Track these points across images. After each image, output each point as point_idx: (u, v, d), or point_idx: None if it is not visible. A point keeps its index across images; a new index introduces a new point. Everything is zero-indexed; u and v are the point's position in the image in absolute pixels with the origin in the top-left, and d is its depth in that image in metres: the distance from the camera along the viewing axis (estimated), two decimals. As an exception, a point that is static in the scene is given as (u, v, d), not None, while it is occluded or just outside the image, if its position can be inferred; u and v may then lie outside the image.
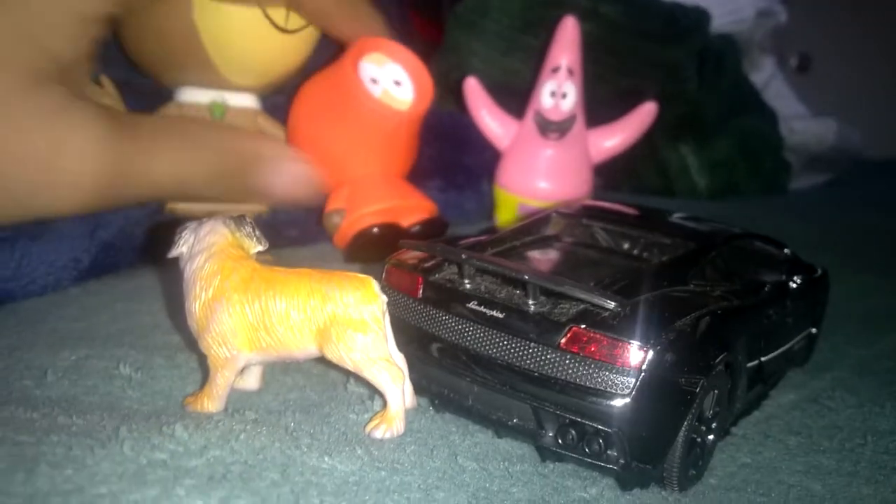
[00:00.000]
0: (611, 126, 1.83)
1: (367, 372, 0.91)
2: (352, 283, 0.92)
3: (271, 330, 0.90)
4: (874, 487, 0.95)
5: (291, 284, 0.91)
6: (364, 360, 0.90)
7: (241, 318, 0.90)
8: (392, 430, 0.90)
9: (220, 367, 0.91)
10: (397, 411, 0.91)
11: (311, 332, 0.90)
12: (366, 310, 0.91)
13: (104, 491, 0.67)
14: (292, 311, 0.90)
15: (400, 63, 1.57)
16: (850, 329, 1.53)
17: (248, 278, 0.91)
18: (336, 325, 0.90)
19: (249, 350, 0.91)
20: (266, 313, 0.90)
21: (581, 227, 1.27)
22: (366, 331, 0.90)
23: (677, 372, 0.89)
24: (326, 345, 0.90)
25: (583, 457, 0.89)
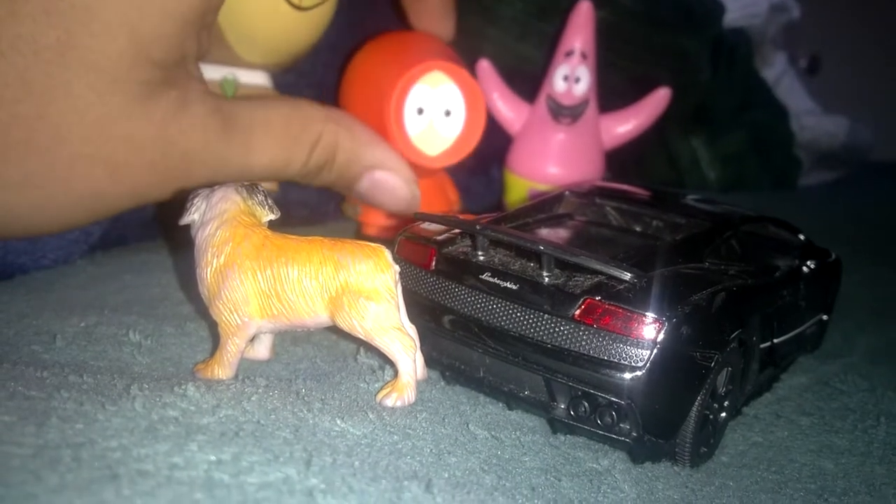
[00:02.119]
0: (624, 111, 1.82)
1: (379, 341, 0.90)
2: (364, 252, 0.91)
3: (283, 297, 0.89)
4: (887, 467, 0.94)
5: (304, 252, 0.90)
6: (376, 329, 0.90)
7: (252, 285, 0.89)
8: (403, 398, 0.90)
9: (230, 334, 0.90)
10: (408, 380, 0.91)
11: (323, 300, 0.90)
12: (378, 279, 0.90)
13: (115, 444, 0.67)
14: (304, 279, 0.89)
15: (459, 88, 1.48)
16: (862, 318, 1.52)
17: (260, 245, 0.90)
18: (348, 293, 0.89)
19: (261, 317, 0.91)
20: (278, 280, 0.89)
21: (593, 207, 1.26)
22: (378, 300, 0.89)
23: (692, 346, 0.88)
24: (338, 313, 0.90)
25: (595, 429, 0.88)
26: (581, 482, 0.81)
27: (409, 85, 1.42)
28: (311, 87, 1.78)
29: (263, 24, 1.51)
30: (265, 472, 0.66)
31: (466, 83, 1.48)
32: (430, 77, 1.45)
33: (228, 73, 1.55)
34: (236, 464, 0.66)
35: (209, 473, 0.64)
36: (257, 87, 1.61)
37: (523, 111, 1.82)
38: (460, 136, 1.51)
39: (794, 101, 2.99)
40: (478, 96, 1.49)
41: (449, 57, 1.51)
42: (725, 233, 1.11)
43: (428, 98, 1.46)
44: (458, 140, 1.51)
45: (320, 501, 0.63)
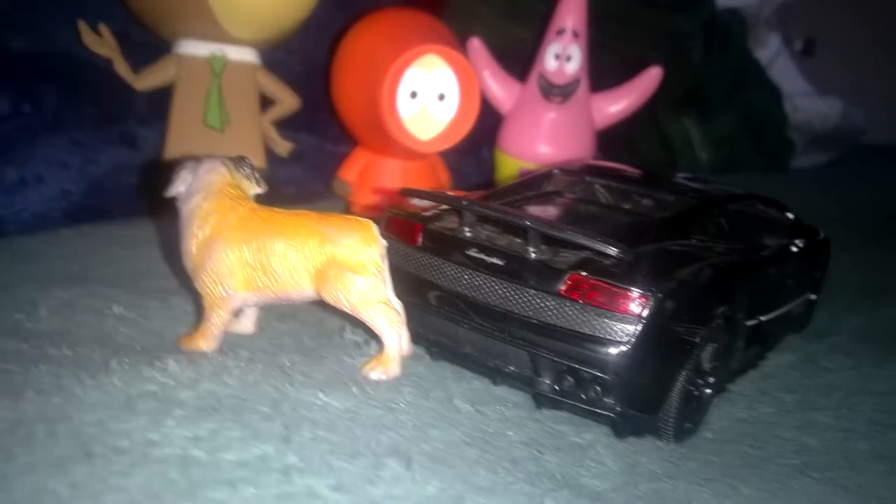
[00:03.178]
0: (615, 91, 1.82)
1: (365, 314, 0.90)
2: (352, 226, 0.91)
3: (268, 270, 0.89)
4: (870, 443, 0.94)
5: (290, 225, 0.90)
6: (361, 302, 0.89)
7: (237, 258, 0.89)
8: (388, 372, 0.90)
9: (215, 306, 0.90)
10: (393, 354, 0.90)
11: (309, 273, 0.89)
12: (365, 252, 0.89)
13: (92, 419, 0.66)
14: (290, 252, 0.89)
15: (454, 72, 1.47)
16: (850, 299, 1.52)
17: (247, 218, 0.90)
18: (334, 266, 0.88)
19: (245, 290, 0.90)
20: (263, 253, 0.88)
21: (583, 185, 1.25)
22: (364, 273, 0.89)
23: (677, 321, 0.88)
24: (324, 286, 0.89)
25: (579, 404, 0.88)
26: (564, 456, 0.81)
27: (402, 68, 1.41)
28: (300, 64, 1.77)
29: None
30: (243, 448, 0.65)
31: (462, 67, 1.47)
32: (424, 60, 1.44)
33: (217, 50, 1.54)
34: (214, 440, 0.66)
35: (186, 451, 0.64)
36: (245, 64, 1.59)
37: (514, 90, 1.81)
38: (454, 121, 1.50)
39: (788, 82, 2.98)
40: (473, 81, 1.48)
41: (445, 40, 1.50)
42: (713, 210, 1.11)
43: (422, 82, 1.45)
44: (452, 124, 1.50)
45: (296, 480, 0.62)
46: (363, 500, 0.62)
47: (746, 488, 0.82)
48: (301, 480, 0.62)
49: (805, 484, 0.85)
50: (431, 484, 0.66)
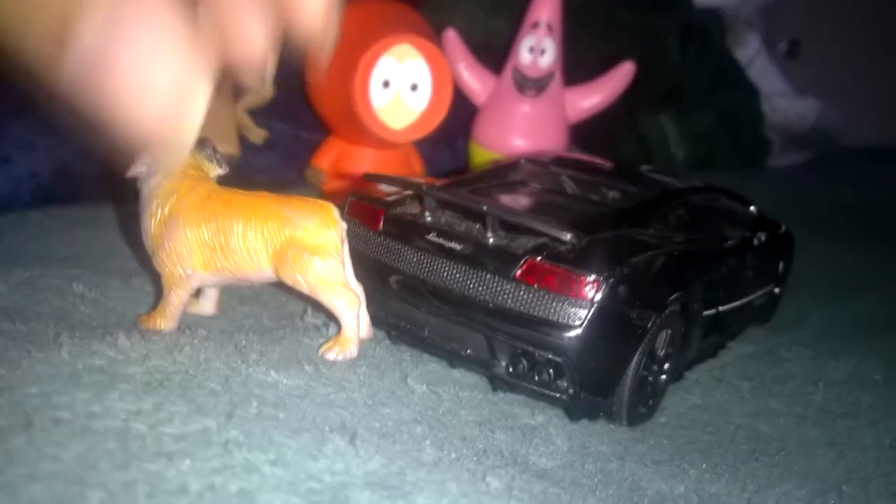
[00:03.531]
0: (589, 85, 1.83)
1: (323, 296, 0.90)
2: (311, 208, 0.91)
3: (227, 250, 0.89)
4: (822, 430, 0.96)
5: (249, 206, 0.90)
6: (320, 284, 0.89)
7: (196, 237, 0.89)
8: (345, 352, 0.90)
9: (173, 285, 0.90)
10: (351, 335, 0.91)
11: (268, 254, 0.89)
12: (324, 234, 0.90)
13: (35, 391, 0.66)
14: (249, 233, 0.89)
15: (427, 63, 1.46)
16: (816, 294, 1.54)
17: (206, 198, 0.90)
18: (293, 247, 0.88)
19: (204, 270, 0.90)
20: (222, 233, 0.89)
21: (549, 175, 1.26)
22: (323, 255, 0.89)
23: (630, 306, 0.89)
24: (282, 267, 0.89)
25: (533, 386, 0.89)
26: (514, 435, 0.81)
27: (375, 57, 1.41)
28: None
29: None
30: (185, 422, 0.65)
31: (434, 58, 1.48)
32: (397, 50, 1.44)
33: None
34: (156, 414, 0.65)
35: (126, 423, 0.63)
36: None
37: (489, 82, 1.82)
38: (426, 111, 1.50)
39: (767, 82, 3.00)
40: (445, 72, 1.48)
41: (418, 30, 1.50)
42: (673, 201, 1.12)
43: (394, 71, 1.45)
44: (424, 114, 1.50)
45: (235, 454, 0.62)
46: (302, 474, 0.62)
47: (694, 470, 0.83)
48: (240, 454, 0.62)
49: (753, 467, 0.86)
50: (374, 459, 0.66)
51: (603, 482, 0.77)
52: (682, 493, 0.79)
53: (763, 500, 0.80)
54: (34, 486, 0.52)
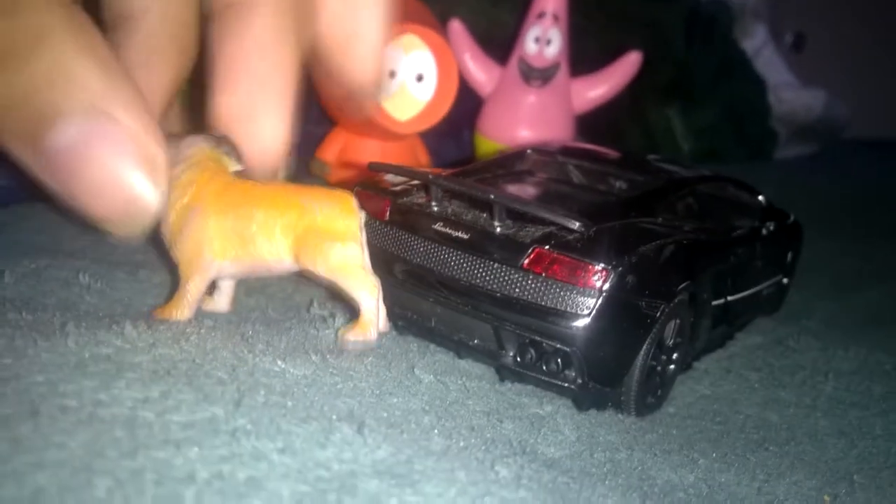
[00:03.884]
0: (595, 76, 1.82)
1: (343, 281, 0.89)
2: (330, 197, 0.90)
3: (247, 239, 0.87)
4: (831, 420, 0.95)
5: (269, 195, 0.88)
6: (340, 269, 0.88)
7: (216, 226, 0.87)
8: (365, 336, 0.89)
9: (191, 274, 0.88)
10: (370, 318, 0.89)
11: (287, 243, 0.88)
12: (344, 222, 0.89)
13: (41, 379, 0.66)
14: (269, 221, 0.87)
15: (433, 53, 1.46)
16: (824, 285, 1.53)
17: (226, 188, 0.88)
18: (314, 234, 0.87)
19: (223, 258, 0.88)
20: (242, 222, 0.87)
21: (555, 165, 1.25)
22: (344, 241, 0.88)
23: (638, 295, 0.88)
24: (302, 253, 0.88)
25: (541, 376, 0.88)
26: (522, 424, 0.81)
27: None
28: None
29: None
30: (192, 411, 0.65)
31: (439, 48, 1.47)
32: (402, 40, 1.44)
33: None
34: (163, 402, 0.65)
35: (134, 411, 0.63)
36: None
37: (495, 73, 1.81)
38: (432, 102, 1.49)
39: (773, 73, 2.98)
40: (450, 62, 1.48)
41: (423, 21, 1.49)
42: (681, 190, 1.11)
43: (400, 62, 1.44)
44: (430, 105, 1.49)
45: (244, 442, 0.62)
46: (310, 462, 0.61)
47: (703, 460, 0.83)
48: (248, 443, 0.62)
49: (763, 457, 0.86)
50: (382, 448, 0.66)
51: (612, 471, 0.76)
52: (692, 483, 0.78)
53: (773, 490, 0.79)
54: (41, 474, 0.52)
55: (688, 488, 0.77)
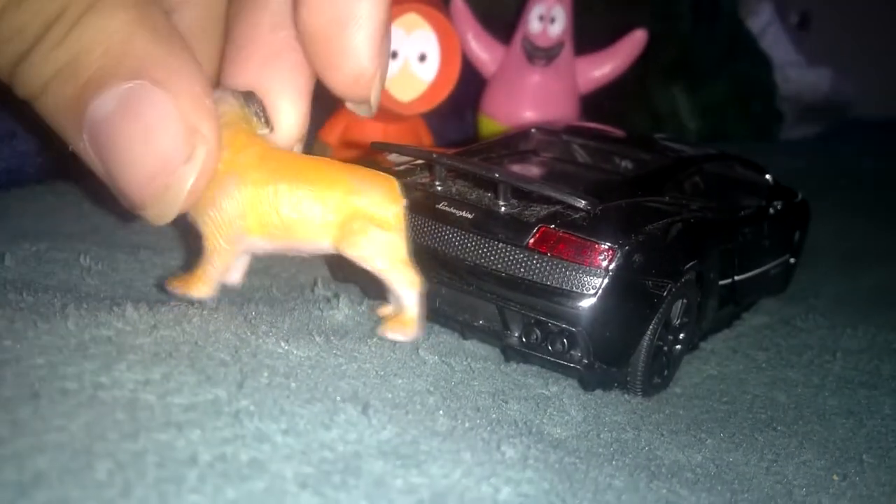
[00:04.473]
0: (600, 54, 1.79)
1: (386, 272, 0.84)
2: (378, 180, 0.84)
3: (284, 216, 0.80)
4: (840, 399, 0.94)
5: (313, 170, 0.81)
6: (383, 259, 0.83)
7: (252, 198, 0.79)
8: (406, 332, 0.85)
9: (219, 248, 0.81)
10: (412, 315, 0.85)
11: (328, 223, 0.81)
12: (390, 208, 0.83)
13: (41, 362, 0.65)
14: (312, 199, 0.80)
15: (435, 32, 1.42)
16: (831, 265, 1.52)
17: (265, 157, 0.80)
18: (358, 218, 0.81)
19: (255, 234, 0.81)
20: (281, 196, 0.79)
21: (560, 144, 1.24)
22: (388, 229, 0.82)
23: (645, 274, 0.87)
24: (345, 238, 0.81)
25: (546, 356, 0.88)
26: (528, 405, 0.80)
27: None
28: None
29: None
30: (194, 392, 0.64)
31: (442, 27, 1.45)
32: (404, 20, 1.41)
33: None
34: (164, 384, 0.64)
35: (135, 393, 0.62)
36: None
37: (498, 53, 1.78)
38: (435, 82, 1.47)
39: (779, 52, 2.95)
40: (454, 42, 1.46)
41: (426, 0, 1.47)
42: (688, 168, 1.10)
43: (402, 41, 1.42)
44: (433, 85, 1.47)
45: (247, 424, 0.61)
46: (315, 443, 0.61)
47: (711, 440, 0.82)
48: (251, 424, 0.61)
49: (771, 436, 0.85)
50: (387, 429, 0.65)
51: (619, 451, 0.75)
52: (700, 463, 0.77)
53: (782, 469, 0.78)
54: (41, 457, 0.51)
55: (695, 468, 0.76)
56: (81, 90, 0.67)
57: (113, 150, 0.68)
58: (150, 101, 0.67)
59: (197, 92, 0.69)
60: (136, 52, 0.67)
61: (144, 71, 0.67)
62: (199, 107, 0.69)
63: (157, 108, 0.67)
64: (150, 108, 0.67)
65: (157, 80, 0.67)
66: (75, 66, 0.67)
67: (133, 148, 0.68)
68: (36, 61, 0.67)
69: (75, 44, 0.66)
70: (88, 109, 0.67)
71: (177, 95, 0.67)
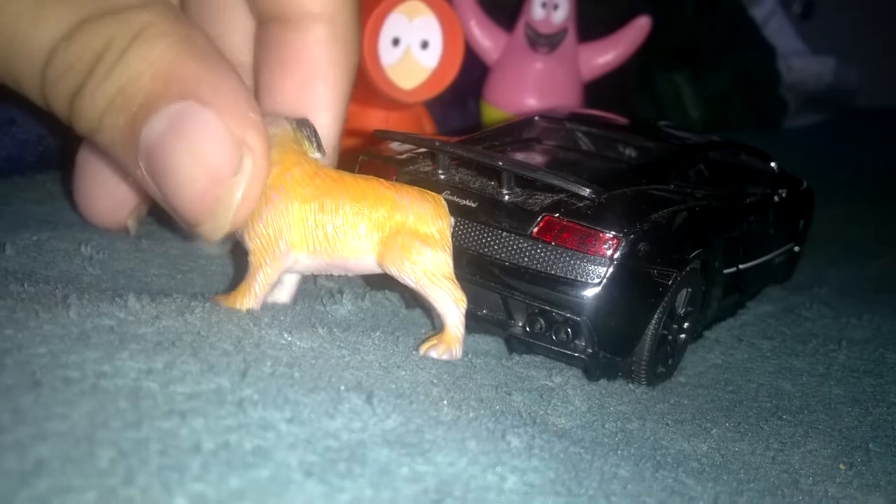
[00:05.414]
0: (603, 41, 1.78)
1: (429, 289, 0.83)
2: (423, 197, 0.85)
3: (329, 231, 0.82)
4: (845, 388, 0.94)
5: (359, 188, 0.83)
6: (427, 275, 0.83)
7: (298, 213, 0.81)
8: (450, 351, 0.83)
9: (264, 263, 0.82)
10: (456, 333, 0.84)
11: (373, 240, 0.82)
12: (436, 224, 0.84)
13: (43, 351, 0.64)
14: (357, 215, 0.82)
15: (438, 19, 1.41)
16: (835, 253, 1.51)
17: (313, 174, 0.82)
18: (403, 234, 0.82)
19: (301, 249, 0.82)
20: (327, 212, 0.81)
21: (564, 132, 1.23)
22: (434, 246, 0.83)
23: (650, 263, 0.87)
24: (388, 254, 0.82)
25: (550, 346, 0.87)
26: (532, 396, 0.80)
27: (384, 14, 1.37)
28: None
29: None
30: (197, 381, 0.64)
31: (445, 14, 1.43)
32: (407, 6, 1.40)
33: None
34: (167, 373, 0.64)
35: (137, 382, 0.62)
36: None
37: (501, 40, 1.78)
38: (437, 69, 1.46)
39: (783, 41, 2.94)
40: (456, 28, 1.44)
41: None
42: (692, 156, 1.09)
43: (404, 28, 1.41)
44: (435, 73, 1.46)
45: (251, 412, 0.61)
46: (319, 432, 0.60)
47: (716, 429, 0.81)
48: (255, 412, 0.61)
49: (777, 426, 0.84)
50: (392, 418, 0.65)
51: (624, 441, 0.75)
52: (706, 452, 0.77)
53: (788, 459, 0.78)
54: (42, 445, 0.51)
55: (701, 457, 0.76)
56: (133, 118, 0.69)
57: (165, 171, 0.71)
58: (196, 119, 0.69)
59: (242, 107, 0.71)
60: (181, 74, 0.69)
61: (190, 91, 0.69)
62: (245, 120, 0.71)
63: (204, 125, 0.69)
64: (197, 126, 0.69)
65: (202, 98, 0.69)
66: (125, 95, 0.69)
67: (183, 166, 0.70)
68: (88, 95, 0.69)
69: (123, 73, 0.68)
70: (142, 136, 0.69)
71: (222, 111, 0.70)
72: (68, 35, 0.67)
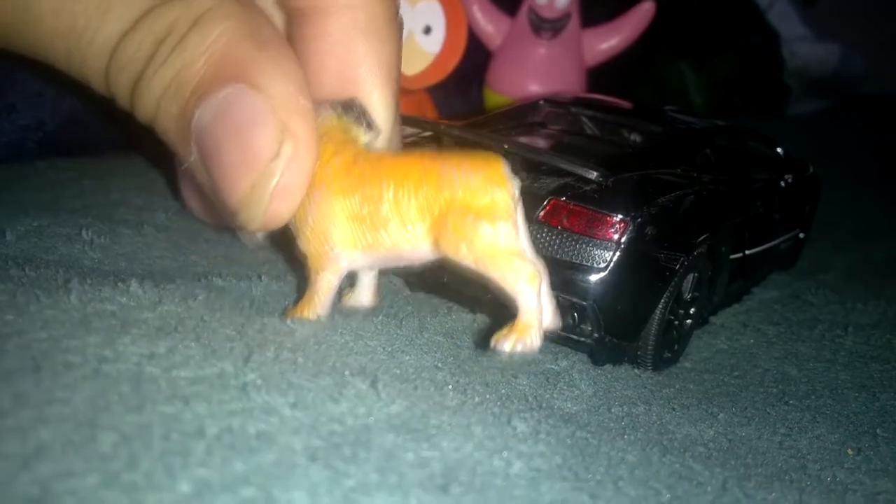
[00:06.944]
0: (606, 26, 1.77)
1: (493, 269, 0.72)
2: (474, 164, 0.73)
3: (377, 222, 0.74)
4: (852, 373, 0.93)
5: (401, 167, 0.74)
6: (488, 254, 0.71)
7: (342, 209, 0.74)
8: (525, 341, 0.71)
9: (320, 268, 0.77)
10: (530, 319, 0.72)
11: (424, 223, 0.73)
12: (492, 193, 0.72)
13: (44, 335, 0.64)
14: (402, 198, 0.73)
15: (440, 4, 1.39)
16: (840, 238, 1.50)
17: (352, 162, 0.74)
18: (454, 211, 0.71)
19: (353, 247, 0.75)
20: (371, 202, 0.73)
21: (569, 116, 1.22)
22: (491, 218, 0.71)
23: (657, 248, 0.86)
24: (442, 236, 0.72)
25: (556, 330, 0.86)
26: (538, 380, 0.79)
27: None
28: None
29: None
30: (200, 366, 0.63)
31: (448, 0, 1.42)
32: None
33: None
34: (170, 357, 0.63)
35: (139, 367, 0.61)
36: None
37: (504, 25, 1.76)
38: (440, 55, 1.45)
39: (787, 26, 2.91)
40: (459, 14, 1.43)
41: None
42: (699, 141, 1.08)
43: (406, 13, 1.39)
44: (438, 58, 1.45)
45: (254, 396, 0.60)
46: (323, 417, 0.60)
47: (723, 414, 0.81)
48: (259, 397, 0.60)
49: (783, 411, 0.84)
50: (396, 403, 0.64)
51: (630, 426, 0.74)
52: (712, 437, 0.76)
53: (795, 444, 0.77)
54: (44, 429, 0.50)
55: (708, 442, 0.75)
56: (187, 103, 0.67)
57: (213, 157, 0.68)
58: (244, 103, 0.67)
59: (291, 91, 0.68)
60: (234, 58, 0.67)
61: (241, 75, 0.67)
62: (292, 105, 0.68)
63: (251, 109, 0.67)
64: (244, 110, 0.67)
65: (253, 82, 0.67)
66: (180, 80, 0.67)
67: (229, 150, 0.68)
68: (146, 82, 0.67)
69: (179, 59, 0.67)
70: (193, 121, 0.67)
71: (270, 95, 0.67)
72: (134, 24, 0.66)
